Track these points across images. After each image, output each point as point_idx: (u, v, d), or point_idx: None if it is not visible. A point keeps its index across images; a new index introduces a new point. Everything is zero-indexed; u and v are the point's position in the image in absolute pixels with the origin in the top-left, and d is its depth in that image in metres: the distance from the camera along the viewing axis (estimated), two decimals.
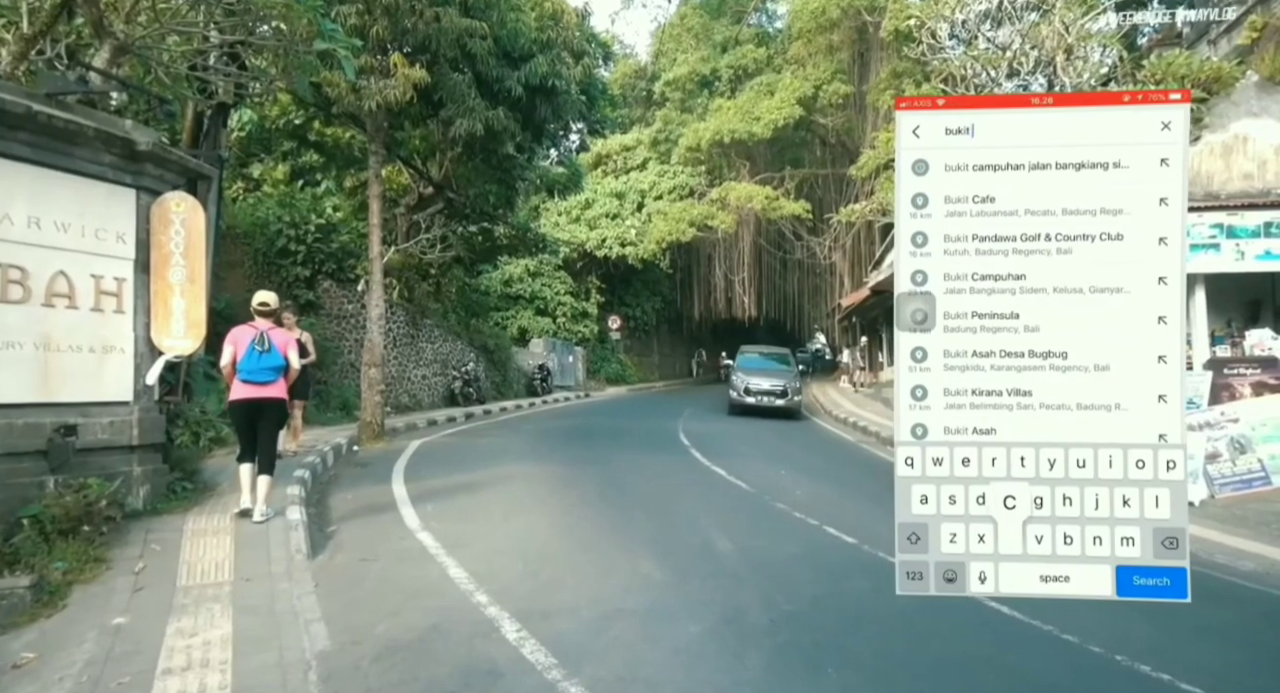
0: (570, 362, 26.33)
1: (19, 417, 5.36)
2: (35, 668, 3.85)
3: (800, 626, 4.56)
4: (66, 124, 5.56)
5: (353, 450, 11.04)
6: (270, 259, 14.03)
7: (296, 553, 5.64)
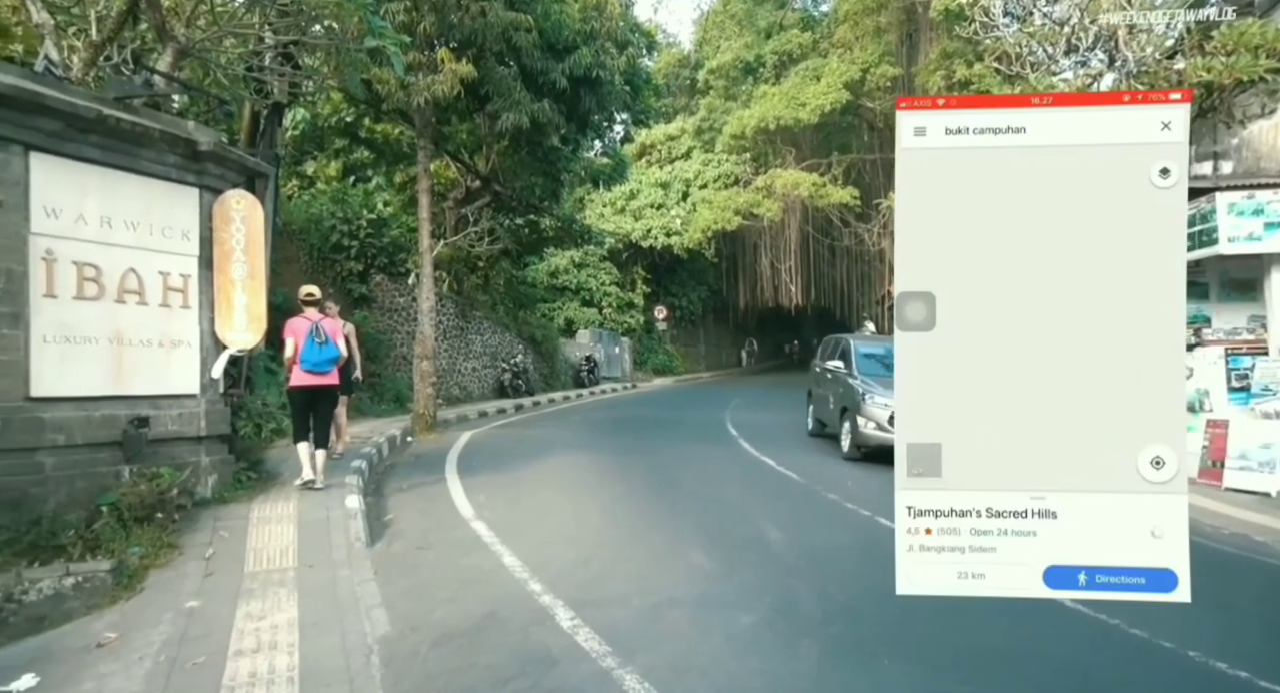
0: (617, 353, 26.42)
1: (96, 408, 5.61)
2: (117, 647, 4.03)
3: (854, 616, 4.51)
4: (134, 126, 5.77)
5: (406, 441, 11.29)
6: (324, 255, 14.38)
7: (356, 541, 5.80)
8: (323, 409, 7.23)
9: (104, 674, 3.73)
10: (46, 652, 4.06)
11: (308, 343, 7.12)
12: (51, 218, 5.41)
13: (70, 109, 5.31)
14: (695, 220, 27.93)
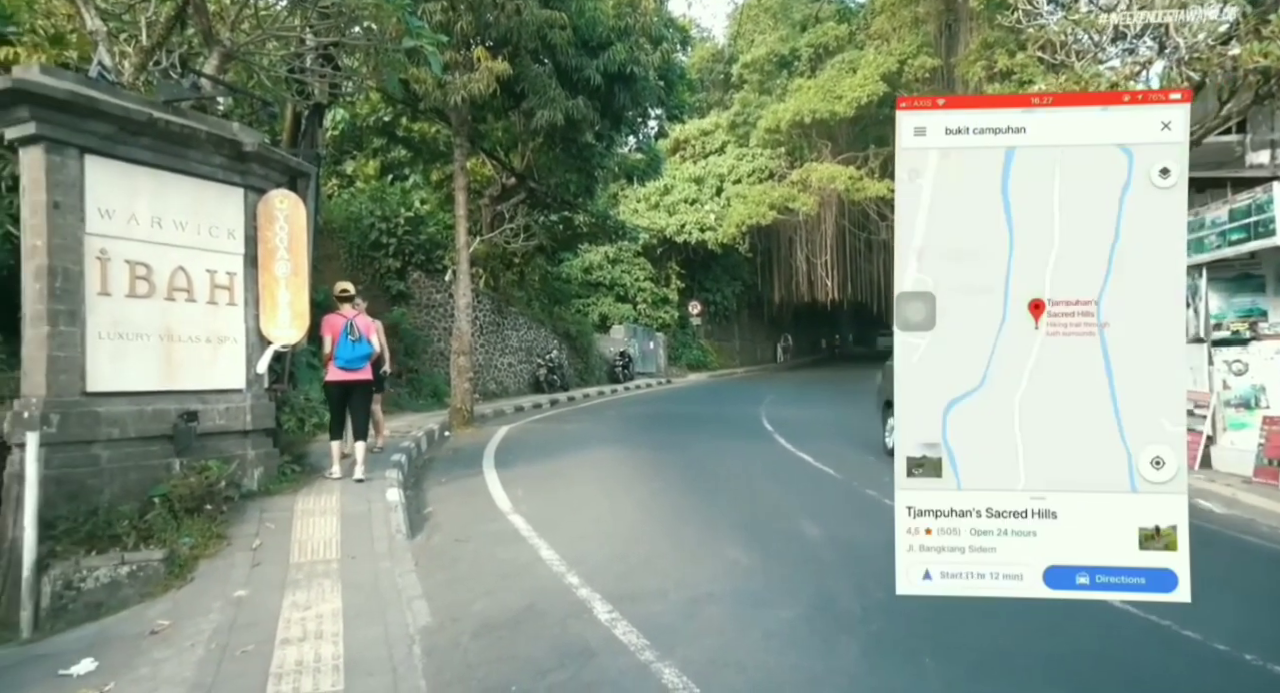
0: (651, 348, 26.44)
1: (148, 403, 5.78)
2: (170, 634, 4.16)
3: (894, 614, 4.45)
4: (182, 129, 5.92)
5: (444, 436, 11.43)
6: (364, 252, 14.63)
7: (397, 533, 5.90)
8: (358, 403, 7.51)
9: (158, 660, 3.85)
10: (104, 638, 4.20)
11: (342, 340, 7.38)
12: (105, 218, 5.58)
13: (122, 113, 5.47)
14: (729, 215, 27.79)
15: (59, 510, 4.97)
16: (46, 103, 5.08)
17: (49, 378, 5.15)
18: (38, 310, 5.18)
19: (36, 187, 5.21)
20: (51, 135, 5.18)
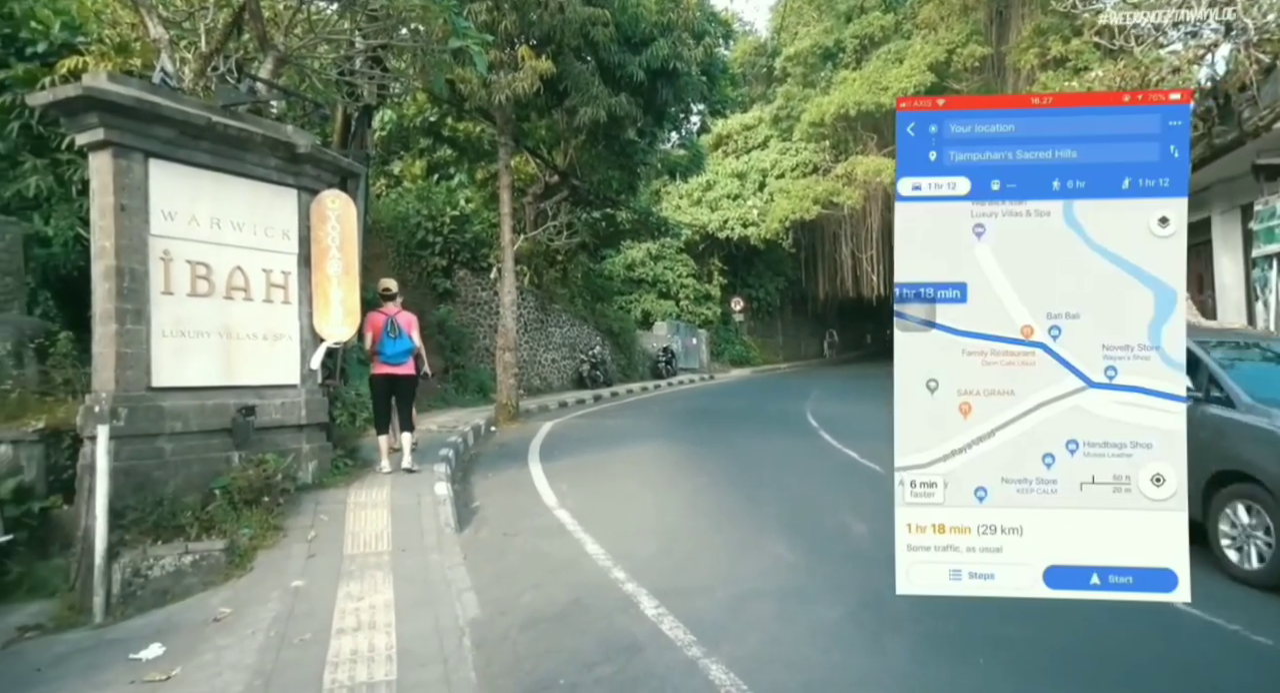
0: (694, 344, 26.37)
1: (209, 398, 5.98)
2: (231, 622, 4.31)
3: (944, 613, 4.37)
4: (239, 132, 6.10)
5: (490, 431, 11.59)
6: (411, 250, 14.88)
7: (446, 527, 6.00)
8: (404, 397, 7.68)
9: (221, 647, 3.99)
10: (170, 624, 4.37)
11: (383, 337, 7.52)
12: (168, 220, 5.78)
13: (184, 117, 5.66)
14: (773, 210, 27.55)
15: (127, 501, 5.18)
16: (114, 109, 5.28)
17: (117, 374, 5.37)
18: (106, 309, 5.40)
19: (105, 190, 5.42)
20: (119, 140, 5.39)
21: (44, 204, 7.42)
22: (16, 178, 7.34)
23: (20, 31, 7.70)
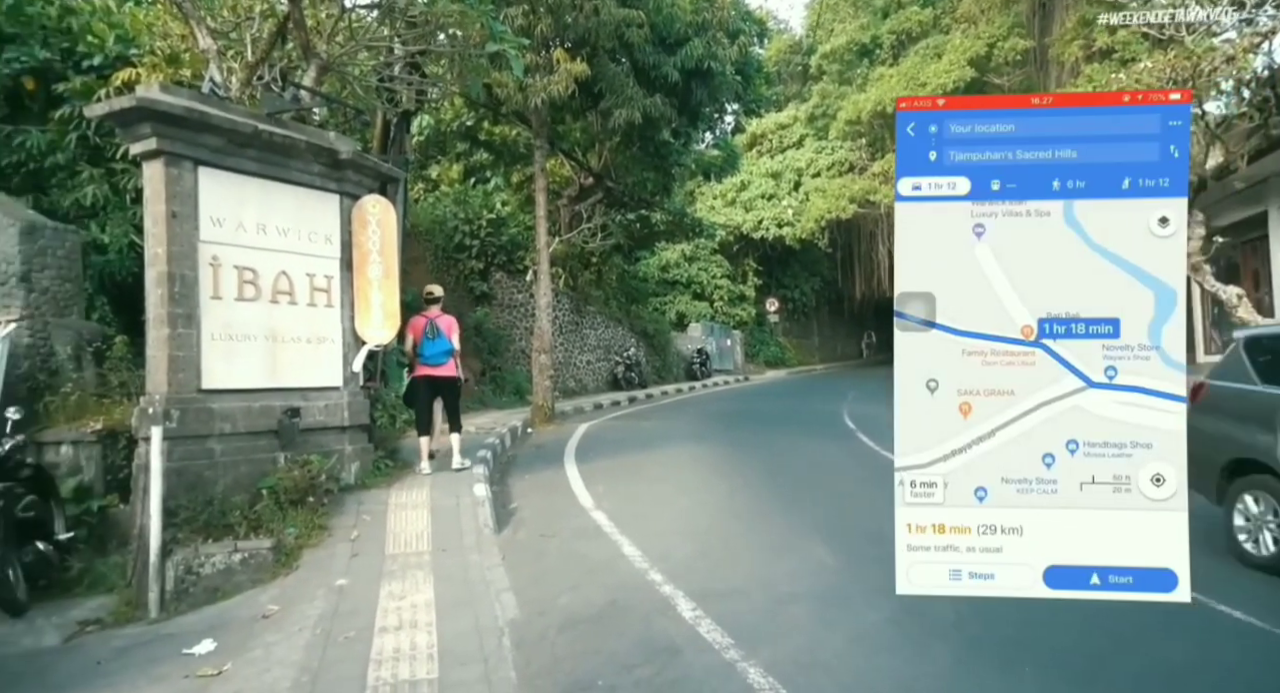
0: (728, 345, 26.27)
1: (256, 400, 6.14)
2: (279, 619, 4.41)
3: (990, 619, 4.30)
4: (284, 139, 6.25)
5: (527, 432, 11.68)
6: (448, 254, 15.08)
7: (484, 528, 6.07)
8: (446, 398, 7.83)
9: (270, 644, 4.09)
10: (221, 620, 4.50)
11: (423, 339, 7.67)
12: (216, 226, 5.95)
13: (231, 126, 5.82)
14: (808, 210, 27.29)
15: (180, 500, 5.34)
16: (165, 119, 5.45)
17: (169, 376, 5.53)
18: (159, 313, 5.58)
19: (157, 197, 5.60)
20: (170, 149, 5.56)
21: (100, 212, 7.69)
22: (75, 187, 7.62)
23: (78, 45, 7.99)
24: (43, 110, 7.88)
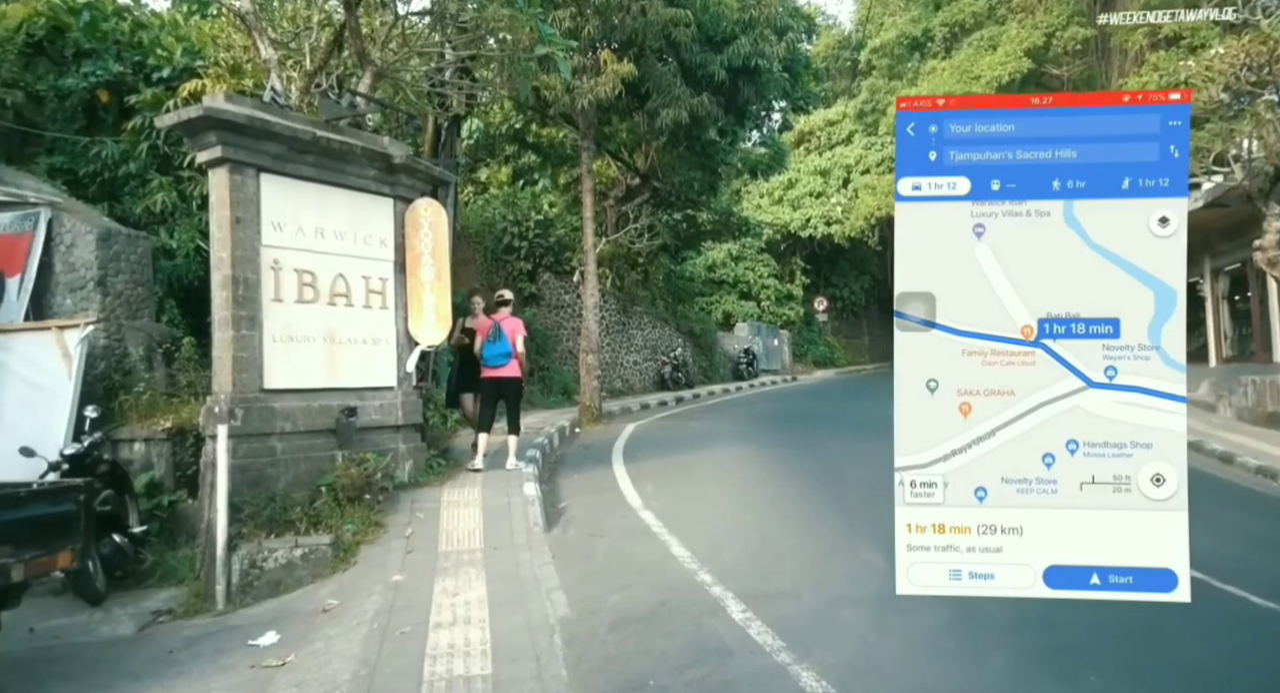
0: (775, 345, 26.05)
1: (315, 399, 6.32)
2: (338, 613, 4.54)
3: (1050, 626, 4.17)
4: (341, 145, 6.42)
5: (574, 432, 11.76)
6: (497, 255, 15.29)
7: (534, 526, 6.13)
8: (509, 399, 7.88)
9: (330, 637, 4.21)
10: (283, 613, 4.64)
11: (487, 340, 7.78)
12: (277, 231, 6.14)
13: (291, 133, 6.00)
14: (857, 207, 26.90)
15: (244, 496, 5.53)
16: (230, 127, 5.65)
17: (234, 376, 5.73)
18: (224, 316, 5.78)
19: (222, 203, 5.81)
20: (234, 157, 5.77)
21: (169, 218, 8.03)
22: (146, 195, 7.96)
23: (148, 58, 8.35)
24: (116, 122, 8.26)
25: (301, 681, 3.78)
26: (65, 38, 8.44)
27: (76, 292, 6.81)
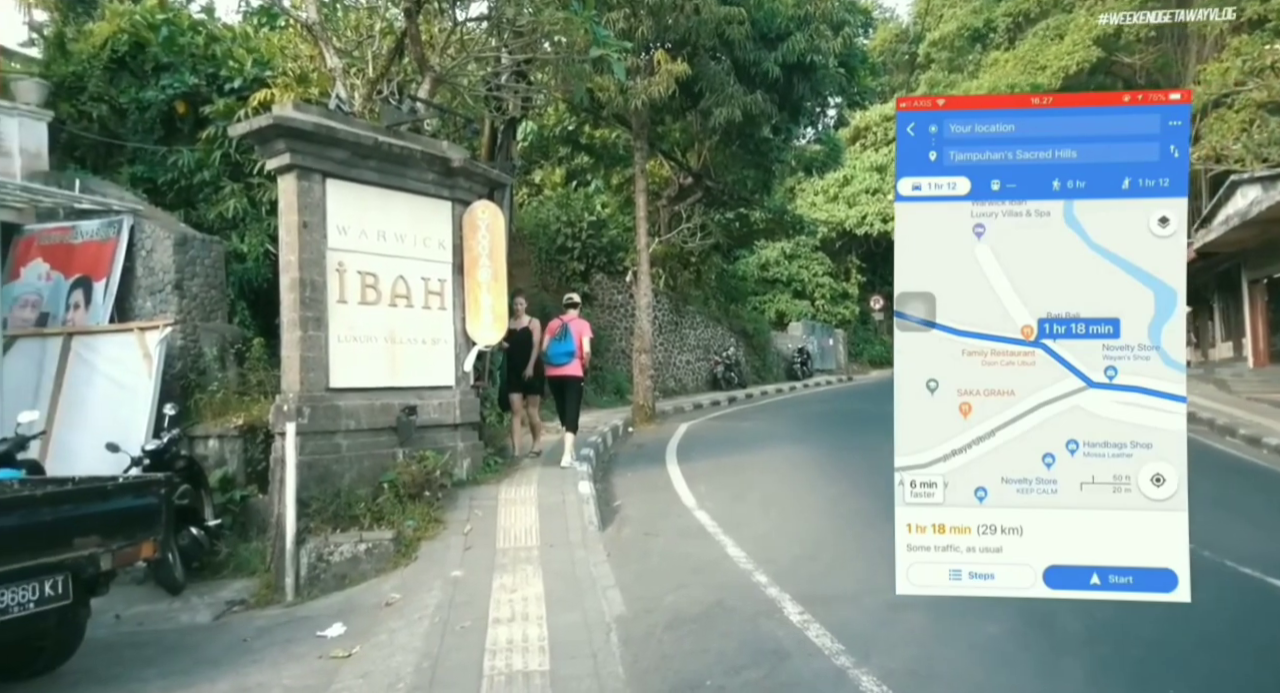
0: (830, 344, 25.68)
1: (377, 398, 6.49)
2: (401, 607, 4.65)
3: (1127, 636, 4.02)
4: (402, 150, 6.58)
5: (628, 432, 11.81)
6: (551, 256, 15.45)
7: (589, 525, 6.18)
8: (570, 397, 8.07)
9: (393, 629, 4.32)
10: (349, 606, 4.78)
11: (552, 339, 7.95)
12: (341, 234, 6.33)
13: (355, 139, 6.18)
14: None
15: (311, 492, 5.72)
16: (298, 135, 5.85)
17: (302, 375, 5.93)
18: (292, 317, 5.99)
19: (290, 209, 6.01)
20: (302, 163, 5.97)
21: (240, 224, 8.35)
22: (219, 201, 8.30)
23: (221, 70, 8.70)
24: (192, 131, 8.64)
25: (367, 672, 3.89)
26: (145, 52, 8.86)
27: (155, 294, 7.15)
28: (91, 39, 8.90)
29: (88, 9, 9.96)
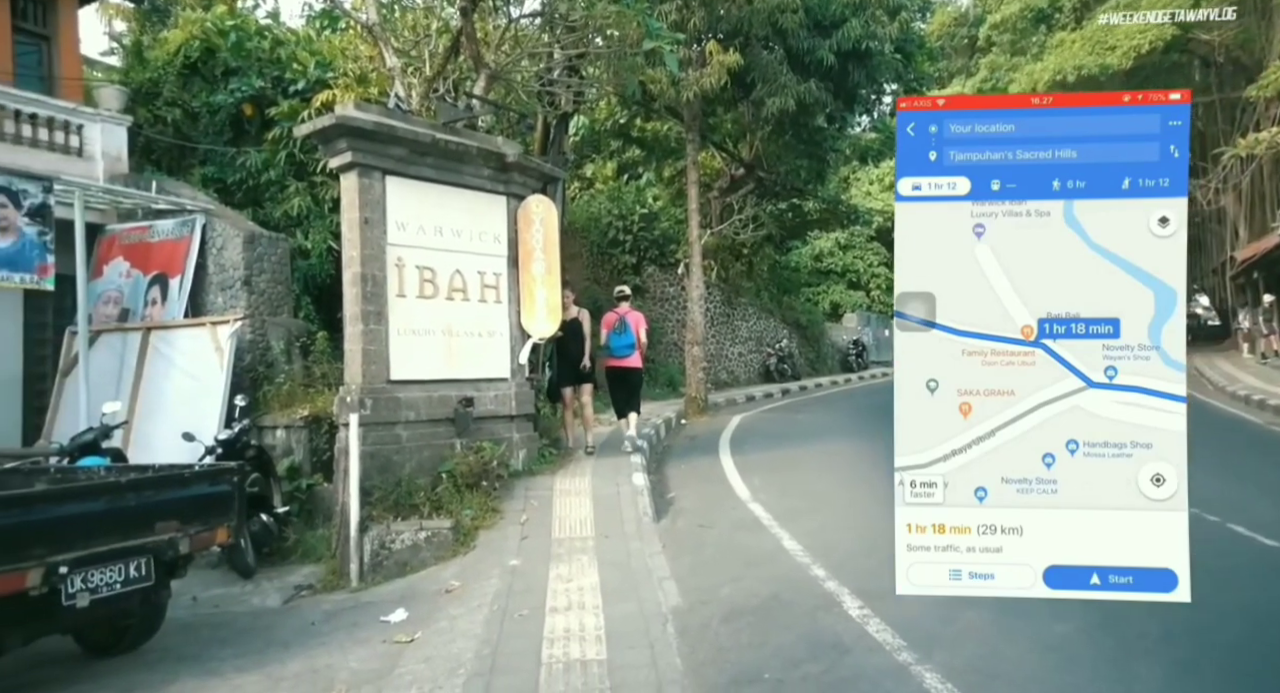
0: (886, 336, 25.18)
1: (434, 390, 6.63)
2: (460, 594, 4.75)
3: (1208, 641, 3.85)
4: (458, 146, 6.68)
5: (681, 424, 11.81)
6: (603, 249, 15.52)
7: (644, 516, 6.20)
8: (632, 387, 8.40)
9: (454, 616, 4.42)
10: (410, 592, 4.91)
11: (612, 332, 8.16)
12: (400, 230, 6.47)
13: (413, 137, 6.30)
14: None
15: (373, 481, 5.88)
16: (359, 133, 6.00)
17: (364, 368, 6.10)
18: (354, 311, 6.15)
19: (351, 206, 6.17)
20: (363, 161, 6.12)
21: (304, 221, 8.62)
22: (284, 200, 8.58)
23: (285, 73, 8.98)
24: (259, 133, 8.94)
25: (429, 656, 3.99)
26: (215, 58, 9.21)
27: (226, 290, 7.44)
28: (166, 46, 9.29)
29: (162, 18, 10.40)
